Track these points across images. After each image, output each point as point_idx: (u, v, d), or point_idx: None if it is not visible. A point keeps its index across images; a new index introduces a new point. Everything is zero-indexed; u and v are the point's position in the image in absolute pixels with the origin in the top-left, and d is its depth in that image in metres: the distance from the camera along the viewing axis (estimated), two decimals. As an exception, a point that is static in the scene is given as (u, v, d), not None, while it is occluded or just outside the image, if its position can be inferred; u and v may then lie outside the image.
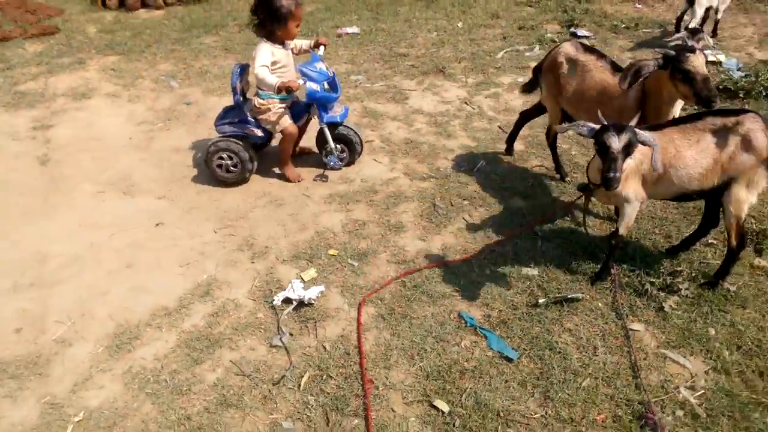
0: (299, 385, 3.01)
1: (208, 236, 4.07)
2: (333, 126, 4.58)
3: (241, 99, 4.45)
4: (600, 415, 2.78)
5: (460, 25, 7.37)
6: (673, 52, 3.24)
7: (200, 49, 7.07)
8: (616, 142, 2.77)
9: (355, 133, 4.66)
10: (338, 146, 4.67)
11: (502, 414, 2.81)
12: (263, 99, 4.34)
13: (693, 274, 3.52)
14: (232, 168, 4.49)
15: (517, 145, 4.90)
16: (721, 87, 5.39)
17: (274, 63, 4.23)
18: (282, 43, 4.30)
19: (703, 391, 2.87)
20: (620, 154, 2.79)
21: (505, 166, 4.72)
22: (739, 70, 5.48)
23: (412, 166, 4.76)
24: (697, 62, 3.18)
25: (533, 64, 6.14)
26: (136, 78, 6.38)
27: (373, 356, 3.15)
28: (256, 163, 4.57)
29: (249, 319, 3.41)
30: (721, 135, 3.10)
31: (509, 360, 3.08)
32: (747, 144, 3.05)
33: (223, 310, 3.46)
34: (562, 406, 2.84)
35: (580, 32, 6.73)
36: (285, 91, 4.13)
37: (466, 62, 6.41)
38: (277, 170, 4.73)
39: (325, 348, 3.21)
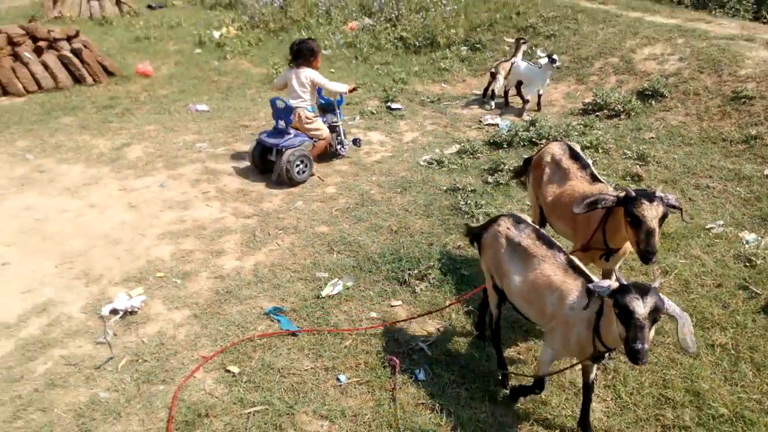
0: (117, 368, 3.67)
1: (50, 271, 4.66)
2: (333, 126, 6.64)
3: (283, 124, 6.15)
4: (357, 362, 3.68)
5: (298, 102, 8.63)
6: (633, 194, 3.03)
7: (57, 128, 7.71)
8: (641, 307, 2.36)
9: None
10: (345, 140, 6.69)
11: (281, 370, 3.63)
12: (311, 112, 6.27)
13: (442, 267, 4.61)
14: (304, 170, 6.09)
15: (329, 189, 5.97)
16: (491, 141, 6.87)
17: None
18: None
19: (433, 341, 3.87)
20: (647, 320, 2.37)
21: (317, 204, 5.74)
22: (509, 130, 7.01)
23: (240, 208, 5.66)
24: (648, 212, 2.95)
25: (354, 131, 7.45)
26: (-9, 153, 6.88)
27: (184, 343, 3.88)
28: None
29: (79, 327, 4.04)
30: None
31: (294, 335, 3.94)
32: None
33: (57, 322, 4.07)
34: (328, 360, 3.71)
35: (394, 105, 8.17)
36: (350, 91, 6.50)
37: (298, 130, 7.56)
38: (114, 215, 5.44)
39: (143, 341, 3.91)
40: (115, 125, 7.78)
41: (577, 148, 3.98)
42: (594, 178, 3.68)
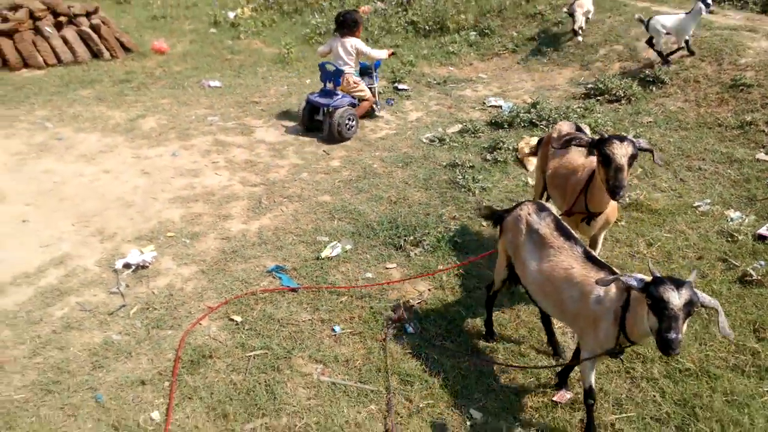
0: (129, 314, 3.96)
1: (67, 228, 4.96)
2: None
3: (331, 86, 6.91)
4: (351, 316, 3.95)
5: (308, 81, 8.84)
6: (606, 135, 3.24)
7: (75, 99, 8.00)
8: (676, 298, 2.36)
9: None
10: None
11: (281, 321, 3.90)
12: (357, 77, 7.09)
13: (437, 234, 4.84)
14: (351, 126, 6.82)
15: (334, 162, 6.23)
16: (493, 122, 7.08)
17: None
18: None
19: (423, 301, 4.12)
20: (681, 312, 2.36)
21: (321, 176, 5.99)
22: (510, 111, 7.20)
23: (247, 177, 5.92)
24: (618, 150, 3.13)
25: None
26: (13, 121, 7.19)
27: (191, 295, 4.16)
28: None
29: (94, 278, 4.33)
30: None
31: (294, 290, 4.20)
32: None
33: (73, 273, 4.36)
34: (324, 313, 3.98)
35: (401, 86, 8.38)
36: (388, 56, 7.37)
37: (307, 107, 7.80)
38: (128, 180, 5.72)
39: (153, 293, 4.19)
40: (130, 98, 8.05)
41: (586, 128, 4.18)
42: (590, 152, 3.62)
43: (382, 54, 7.18)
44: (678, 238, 4.77)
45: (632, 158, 3.18)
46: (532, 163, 5.96)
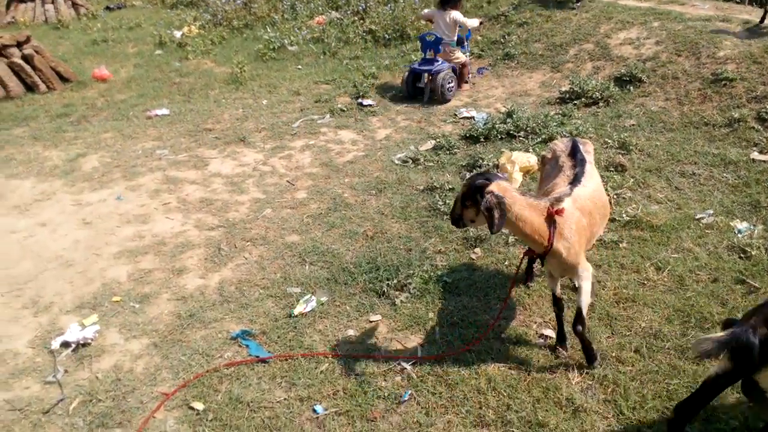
0: (69, 410, 3.29)
1: (-6, 300, 4.25)
2: None
3: (431, 54, 7.79)
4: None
5: (264, 102, 8.19)
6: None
7: (7, 140, 7.20)
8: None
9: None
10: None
11: (251, 404, 3.29)
12: (454, 46, 7.87)
13: (423, 275, 4.29)
14: (452, 89, 7.76)
15: (300, 194, 5.63)
16: (467, 135, 6.57)
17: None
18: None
19: (416, 361, 3.56)
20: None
21: (287, 211, 5.38)
22: (485, 123, 6.70)
23: (203, 219, 5.28)
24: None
25: (324, 130, 7.11)
26: (-66, 170, 6.39)
27: (142, 377, 3.51)
28: None
29: (26, 364, 3.65)
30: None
31: (265, 361, 3.59)
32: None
33: (1, 360, 3.67)
34: (302, 389, 3.38)
35: (365, 102, 7.81)
36: (479, 24, 8.33)
37: (265, 131, 7.17)
38: (67, 233, 5.03)
39: (97, 378, 3.53)
40: (69, 134, 7.31)
41: (583, 146, 3.66)
42: (574, 180, 3.36)
43: (475, 23, 8.09)
44: (687, 258, 4.32)
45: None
46: (518, 181, 5.47)
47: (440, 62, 7.70)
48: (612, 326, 3.73)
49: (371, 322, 3.92)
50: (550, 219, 3.07)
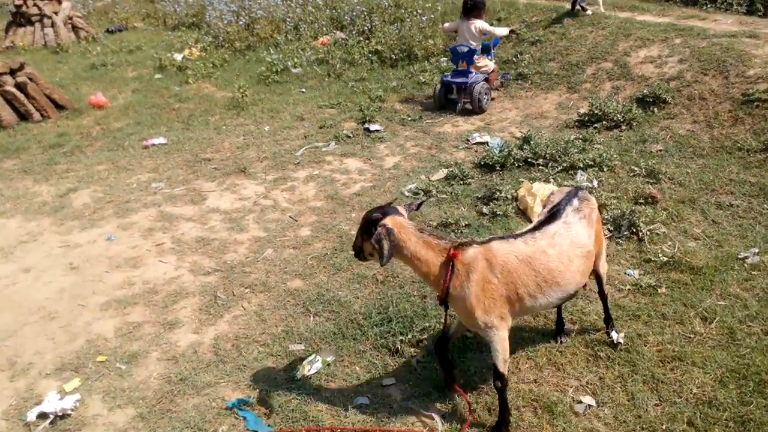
0: (38, 502, 2.86)
1: (-34, 362, 3.84)
2: None
3: (464, 66, 7.77)
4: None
5: (267, 128, 7.82)
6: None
7: (-3, 173, 6.87)
8: None
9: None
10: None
11: (248, 491, 2.85)
12: (479, 55, 7.81)
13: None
14: (488, 98, 7.78)
15: (303, 231, 5.22)
16: (482, 163, 6.15)
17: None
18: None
19: (437, 434, 3.11)
20: None
21: (289, 251, 4.97)
22: (500, 150, 6.28)
23: (199, 262, 4.87)
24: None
25: (329, 158, 6.72)
26: None
27: (125, 457, 3.08)
28: None
29: (-5, 442, 3.23)
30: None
31: (264, 437, 3.16)
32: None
33: (-33, 438, 3.25)
34: (307, 472, 2.94)
35: (373, 126, 7.42)
36: (510, 33, 8.42)
37: (267, 161, 6.78)
38: (52, 280, 4.63)
39: (75, 458, 3.10)
40: (61, 167, 6.95)
41: (580, 202, 3.20)
42: (519, 234, 3.08)
43: (504, 32, 8.05)
44: (735, 306, 3.86)
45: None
46: (537, 214, 5.03)
47: (474, 74, 7.68)
48: (659, 391, 3.27)
49: (384, 386, 3.47)
50: (449, 262, 2.88)
